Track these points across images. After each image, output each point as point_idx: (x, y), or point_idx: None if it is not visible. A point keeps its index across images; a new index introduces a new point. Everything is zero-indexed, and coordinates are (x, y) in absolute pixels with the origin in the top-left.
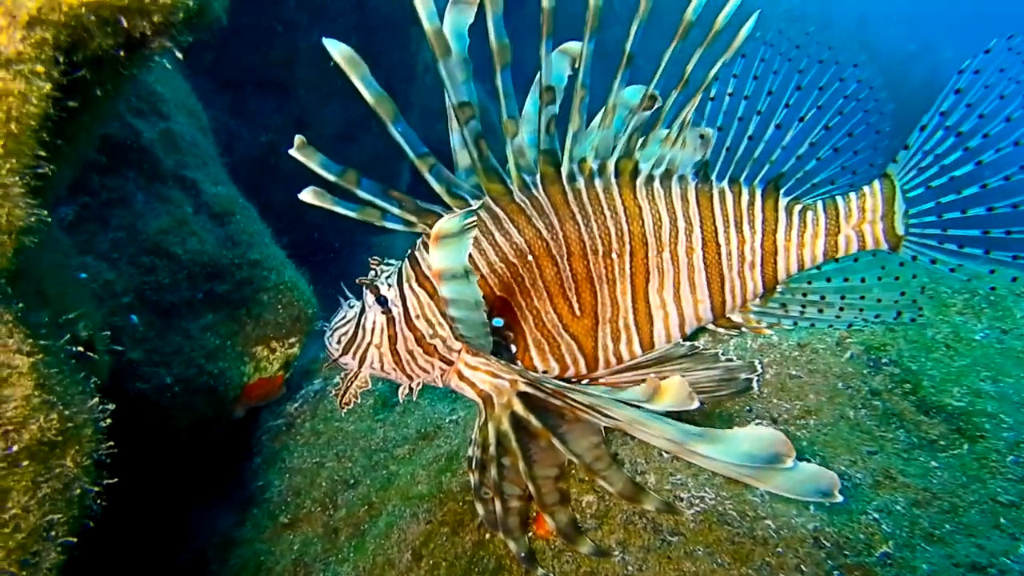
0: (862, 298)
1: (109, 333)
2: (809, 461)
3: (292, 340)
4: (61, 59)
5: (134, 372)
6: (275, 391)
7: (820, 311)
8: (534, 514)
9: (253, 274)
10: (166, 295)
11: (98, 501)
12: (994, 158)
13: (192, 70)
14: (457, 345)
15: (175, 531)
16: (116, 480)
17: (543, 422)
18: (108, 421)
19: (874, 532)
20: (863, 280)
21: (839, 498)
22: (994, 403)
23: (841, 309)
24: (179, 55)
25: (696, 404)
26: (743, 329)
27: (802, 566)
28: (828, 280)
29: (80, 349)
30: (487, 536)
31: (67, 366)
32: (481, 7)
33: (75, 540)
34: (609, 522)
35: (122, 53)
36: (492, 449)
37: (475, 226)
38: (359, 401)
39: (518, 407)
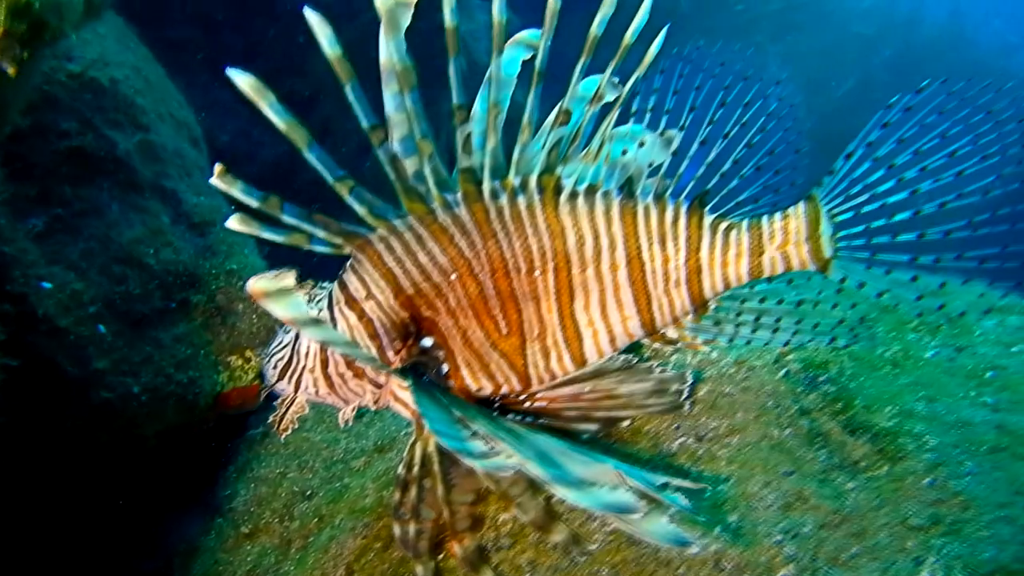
0: (798, 321)
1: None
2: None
3: None
4: None
5: (100, 381)
6: (252, 400)
7: (754, 331)
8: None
9: (229, 283)
10: (136, 305)
11: None
12: (931, 187)
13: (215, 81)
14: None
15: (145, 539)
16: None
17: None
18: None
19: (776, 555)
20: (798, 304)
21: (695, 549)
22: (923, 424)
23: (775, 331)
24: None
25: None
26: (679, 345)
27: None
28: (761, 301)
29: None
30: None
31: None
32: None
33: None
34: (522, 541)
35: None
36: (416, 470)
37: (293, 280)
38: (296, 427)
39: None
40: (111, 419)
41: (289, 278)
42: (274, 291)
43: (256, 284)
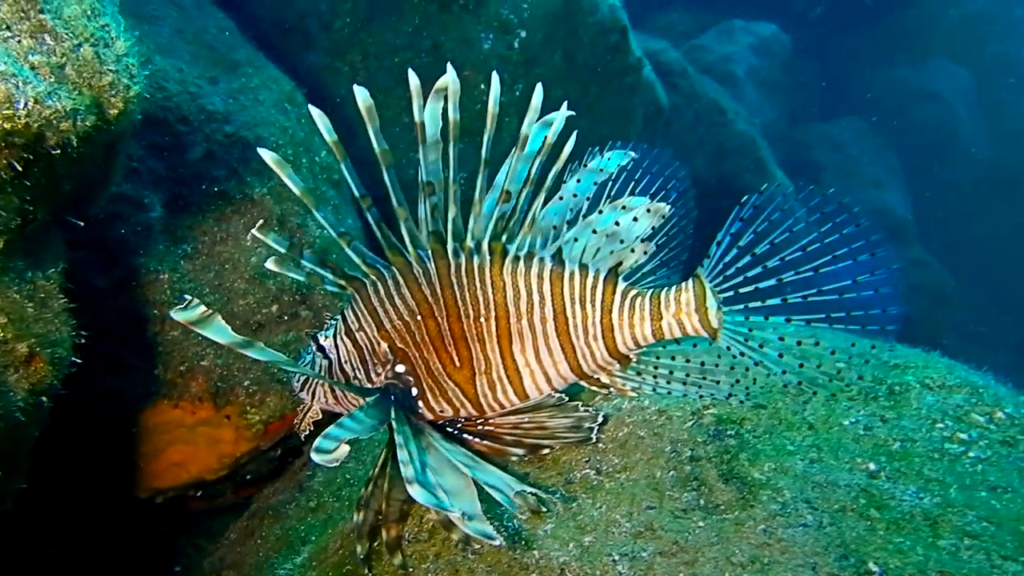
0: (703, 378)
1: (62, 356)
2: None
3: None
4: None
5: (218, 374)
6: None
7: (668, 383)
8: None
9: (333, 304)
10: (255, 315)
11: None
12: (795, 278)
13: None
14: (369, 386)
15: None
16: None
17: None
18: None
19: (608, 570)
20: (702, 363)
21: (497, 541)
22: (789, 480)
23: (684, 384)
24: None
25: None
26: (611, 390)
27: None
28: (672, 358)
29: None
30: None
31: None
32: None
33: None
34: (435, 537)
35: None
36: (377, 469)
37: (207, 310)
38: (312, 428)
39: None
40: (227, 404)
41: (199, 307)
42: (197, 319)
43: (178, 315)
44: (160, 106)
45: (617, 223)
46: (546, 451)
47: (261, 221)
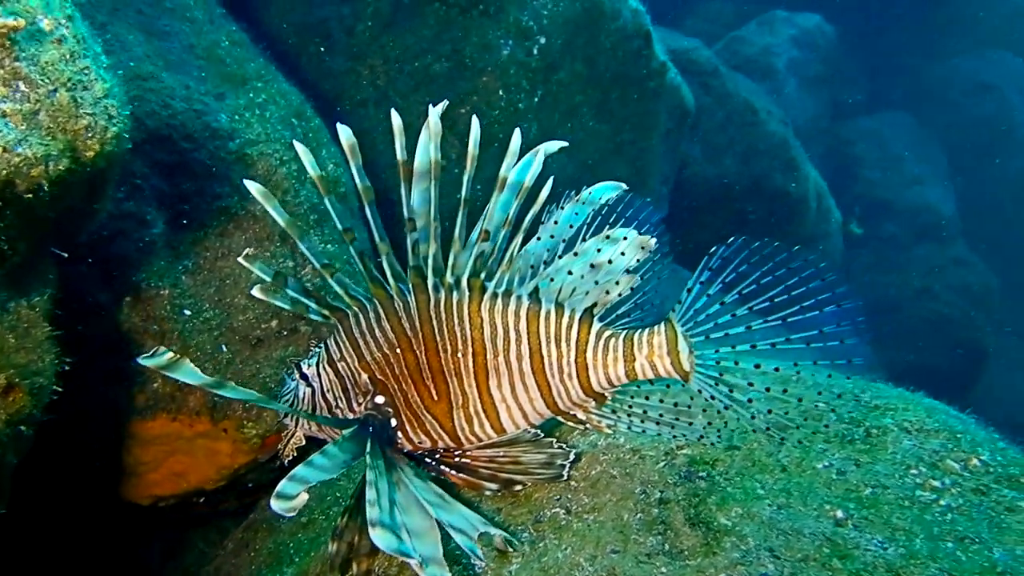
0: (677, 418)
1: (42, 385)
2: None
3: None
4: None
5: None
6: None
7: (642, 421)
8: None
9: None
10: (255, 330)
11: None
12: (764, 327)
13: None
14: (350, 415)
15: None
16: None
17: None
18: None
19: None
20: (676, 404)
21: None
22: (754, 526)
23: (657, 423)
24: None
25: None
26: (587, 426)
27: None
28: (647, 398)
29: None
30: None
31: None
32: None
33: None
34: (404, 573)
35: None
36: (353, 500)
37: (174, 355)
38: (295, 455)
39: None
40: (224, 418)
41: (166, 353)
42: (165, 364)
43: (147, 362)
44: (165, 123)
45: (592, 265)
46: (519, 487)
47: (248, 250)
